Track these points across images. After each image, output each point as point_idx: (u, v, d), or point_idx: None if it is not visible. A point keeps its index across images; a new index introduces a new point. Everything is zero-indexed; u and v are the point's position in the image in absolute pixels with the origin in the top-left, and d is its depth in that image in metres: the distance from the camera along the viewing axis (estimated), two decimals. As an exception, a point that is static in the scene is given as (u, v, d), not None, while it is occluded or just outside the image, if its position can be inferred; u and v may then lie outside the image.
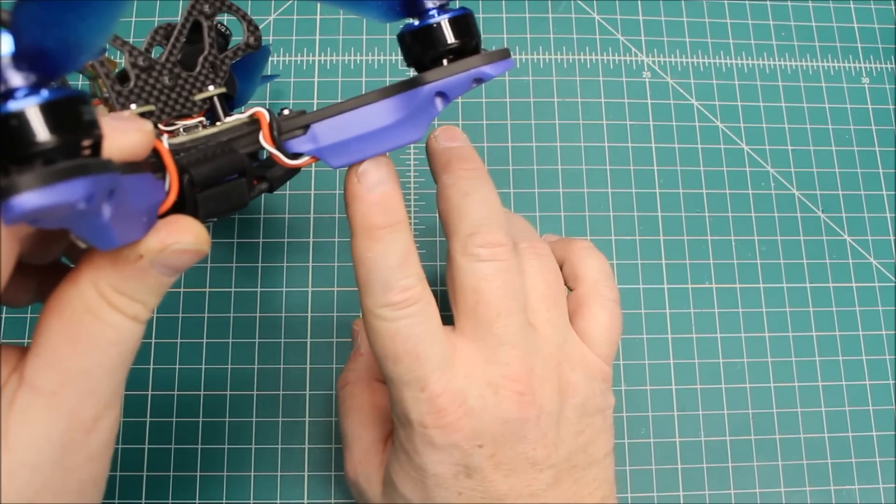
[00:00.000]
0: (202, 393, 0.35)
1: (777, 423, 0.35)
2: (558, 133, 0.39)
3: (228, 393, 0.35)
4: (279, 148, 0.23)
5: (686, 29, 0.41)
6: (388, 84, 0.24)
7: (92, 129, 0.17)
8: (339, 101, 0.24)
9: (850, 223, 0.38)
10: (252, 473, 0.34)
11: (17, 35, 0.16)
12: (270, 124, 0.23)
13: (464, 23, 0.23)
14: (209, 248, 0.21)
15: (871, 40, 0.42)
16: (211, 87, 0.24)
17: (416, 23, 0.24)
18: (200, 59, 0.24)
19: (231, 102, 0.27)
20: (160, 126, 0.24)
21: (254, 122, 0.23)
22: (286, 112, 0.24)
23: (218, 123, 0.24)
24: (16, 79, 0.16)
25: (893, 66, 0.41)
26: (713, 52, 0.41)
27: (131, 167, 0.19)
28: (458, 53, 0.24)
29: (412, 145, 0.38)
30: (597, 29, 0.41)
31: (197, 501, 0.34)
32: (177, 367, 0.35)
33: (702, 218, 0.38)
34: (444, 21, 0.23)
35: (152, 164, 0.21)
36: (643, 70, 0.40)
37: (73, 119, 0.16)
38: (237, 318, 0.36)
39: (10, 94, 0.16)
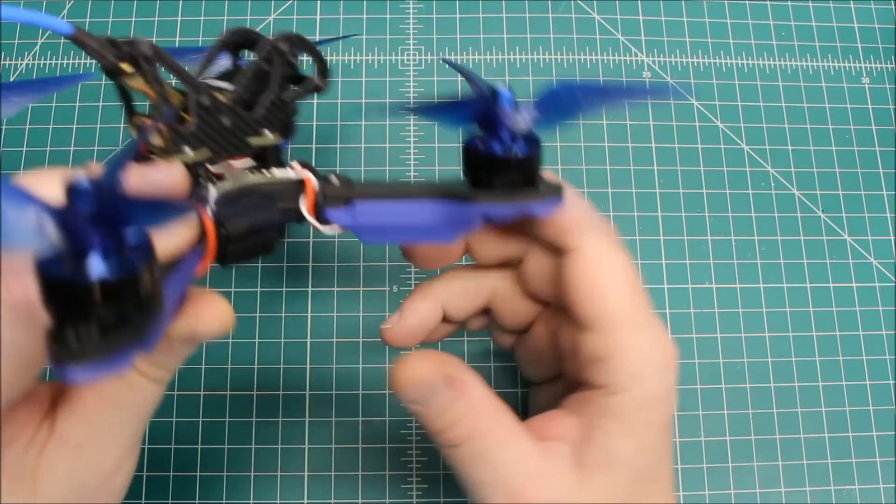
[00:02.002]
0: (202, 393, 0.35)
1: (777, 423, 0.35)
2: (558, 133, 0.39)
3: (228, 393, 0.35)
4: (318, 217, 0.24)
5: (686, 29, 0.41)
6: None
7: (152, 301, 0.18)
8: (386, 181, 0.24)
9: (850, 223, 0.38)
10: (252, 473, 0.34)
11: (99, 200, 0.16)
12: (317, 194, 0.23)
13: (529, 160, 0.23)
14: (234, 324, 0.22)
15: (871, 40, 0.42)
16: (268, 132, 0.24)
17: (486, 144, 0.23)
18: (263, 99, 0.24)
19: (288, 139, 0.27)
20: (209, 166, 0.24)
21: (300, 184, 0.24)
22: (333, 179, 0.24)
23: (266, 173, 0.24)
24: (90, 236, 0.16)
25: (893, 66, 0.41)
26: (713, 52, 0.41)
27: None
28: (514, 183, 0.23)
29: (412, 135, 0.38)
30: (597, 29, 0.41)
31: (197, 501, 0.34)
32: (177, 367, 0.35)
33: (702, 218, 0.38)
34: (513, 154, 0.23)
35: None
36: (643, 70, 0.40)
37: (133, 290, 0.17)
38: (237, 319, 0.36)
39: (82, 250, 0.16)
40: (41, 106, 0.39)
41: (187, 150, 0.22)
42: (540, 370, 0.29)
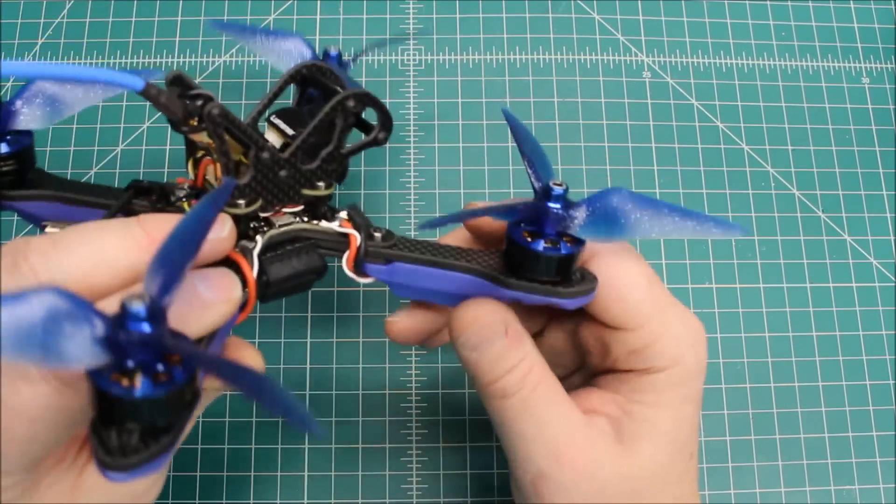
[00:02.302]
0: (202, 393, 0.35)
1: (777, 423, 0.35)
2: (558, 133, 0.39)
3: (229, 393, 0.35)
4: (357, 271, 0.24)
5: (686, 29, 0.41)
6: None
7: (192, 403, 0.18)
8: (427, 243, 0.25)
9: (850, 223, 0.38)
10: (252, 473, 0.34)
11: (151, 324, 0.16)
12: (358, 250, 0.24)
13: (568, 261, 0.23)
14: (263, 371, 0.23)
15: (871, 40, 0.42)
16: (321, 185, 0.25)
17: (531, 238, 0.23)
18: (323, 153, 0.24)
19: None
20: (259, 213, 0.24)
21: (344, 236, 0.24)
22: (377, 235, 0.24)
23: (313, 222, 0.25)
24: (138, 358, 0.17)
25: (893, 66, 0.41)
26: (713, 52, 0.41)
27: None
28: (551, 280, 0.23)
29: (412, 135, 0.38)
30: (597, 29, 0.41)
31: (197, 501, 0.34)
32: (177, 367, 0.35)
33: (702, 218, 0.38)
34: (553, 257, 0.23)
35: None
36: (643, 70, 0.40)
37: (176, 403, 0.17)
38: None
39: (128, 366, 0.17)
40: (41, 106, 0.39)
41: (241, 202, 0.23)
42: (555, 371, 0.30)
